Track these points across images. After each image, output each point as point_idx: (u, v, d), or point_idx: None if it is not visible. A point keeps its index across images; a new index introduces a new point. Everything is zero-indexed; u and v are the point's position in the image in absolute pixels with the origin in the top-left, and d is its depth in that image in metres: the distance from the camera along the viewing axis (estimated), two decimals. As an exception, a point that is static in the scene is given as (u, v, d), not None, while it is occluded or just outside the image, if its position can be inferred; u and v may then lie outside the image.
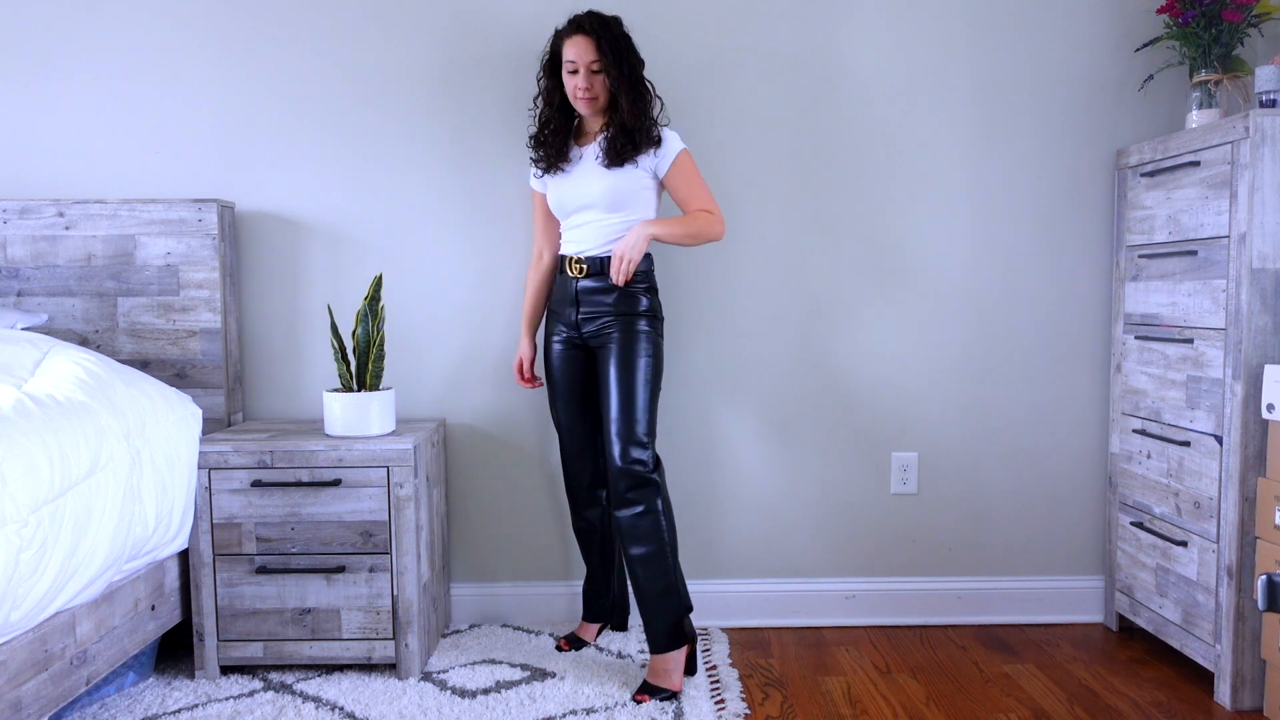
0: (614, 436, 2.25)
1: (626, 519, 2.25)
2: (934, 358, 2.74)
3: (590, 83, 2.28)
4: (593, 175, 2.33)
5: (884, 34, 2.67)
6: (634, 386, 2.27)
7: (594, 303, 2.34)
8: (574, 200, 2.36)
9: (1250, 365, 2.15)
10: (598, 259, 2.34)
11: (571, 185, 2.37)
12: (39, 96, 2.65)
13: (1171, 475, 2.41)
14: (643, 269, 2.34)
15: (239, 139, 2.67)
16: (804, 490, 2.76)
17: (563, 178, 2.38)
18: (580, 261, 2.35)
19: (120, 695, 2.27)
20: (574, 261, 2.36)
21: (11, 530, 1.64)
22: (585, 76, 2.28)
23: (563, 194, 2.38)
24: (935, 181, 2.70)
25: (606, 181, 2.31)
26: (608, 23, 2.30)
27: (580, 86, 2.28)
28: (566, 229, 2.42)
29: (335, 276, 2.71)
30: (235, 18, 2.64)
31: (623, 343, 2.30)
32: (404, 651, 2.36)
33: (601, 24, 2.28)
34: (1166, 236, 2.42)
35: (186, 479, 2.28)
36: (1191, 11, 2.42)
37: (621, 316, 2.32)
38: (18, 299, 2.55)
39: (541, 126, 2.40)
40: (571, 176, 2.37)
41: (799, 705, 2.25)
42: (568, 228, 2.41)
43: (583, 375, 2.43)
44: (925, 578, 2.78)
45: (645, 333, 2.32)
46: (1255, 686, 2.19)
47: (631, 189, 2.32)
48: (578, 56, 2.27)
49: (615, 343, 2.31)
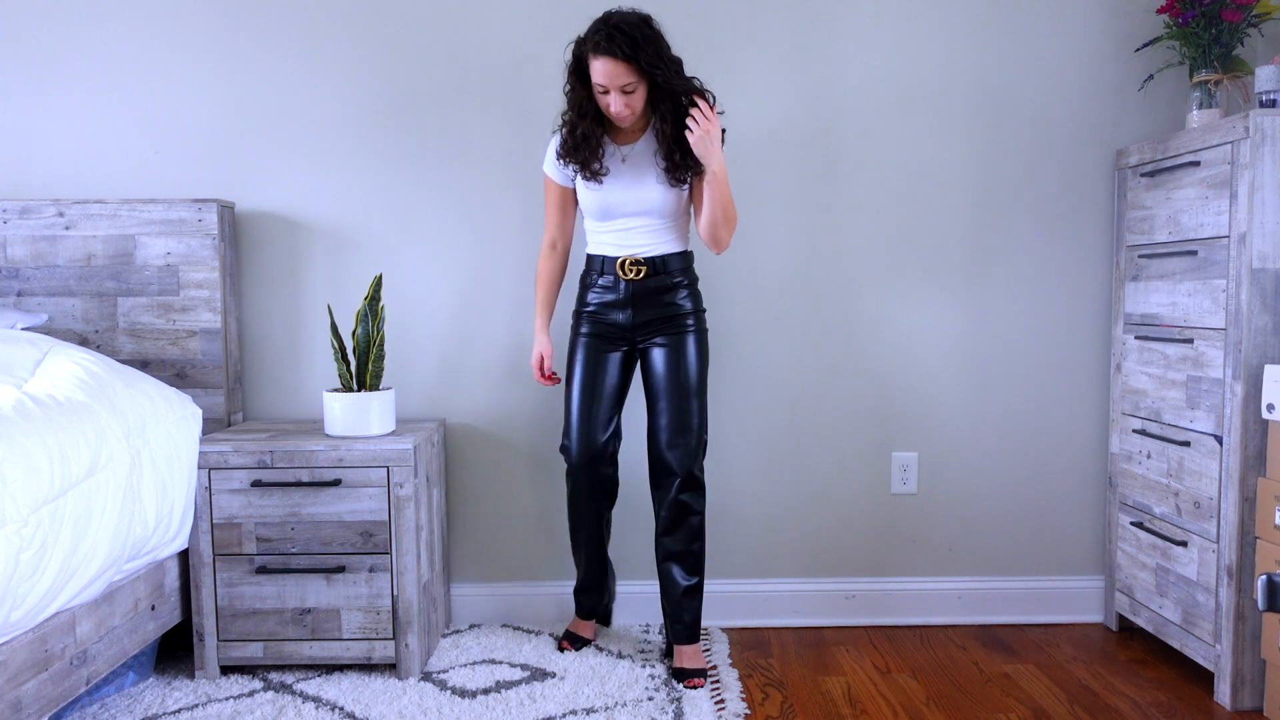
0: (678, 439, 2.32)
1: (681, 520, 2.35)
2: (934, 358, 2.74)
3: (625, 102, 2.18)
4: (651, 186, 2.29)
5: (885, 33, 2.67)
6: (696, 389, 2.34)
7: (653, 304, 2.34)
8: (628, 206, 2.30)
9: (1250, 365, 2.15)
10: (658, 259, 2.34)
11: (624, 192, 2.29)
12: (39, 97, 2.65)
13: (1171, 475, 2.41)
14: (686, 264, 2.38)
15: (239, 139, 2.67)
16: (804, 490, 2.76)
17: (609, 183, 2.29)
18: (638, 263, 2.33)
19: (120, 695, 2.27)
20: (629, 263, 2.33)
21: (11, 530, 1.64)
22: (618, 97, 2.17)
23: (611, 200, 2.31)
24: (934, 181, 2.70)
25: (668, 196, 2.30)
26: (636, 40, 2.12)
27: (613, 105, 2.18)
28: (608, 230, 2.35)
29: (335, 276, 2.71)
30: (235, 18, 2.64)
31: (683, 343, 2.35)
32: (404, 651, 2.36)
33: (631, 44, 2.11)
34: (1166, 236, 2.43)
35: (186, 479, 2.28)
36: (1191, 11, 2.42)
37: (679, 316, 2.35)
38: (18, 299, 2.55)
39: (570, 130, 2.27)
40: (622, 182, 2.29)
41: (799, 705, 2.25)
42: (611, 229, 2.35)
43: (617, 376, 2.39)
44: (925, 578, 2.78)
45: (704, 331, 2.39)
46: (1255, 686, 2.19)
47: (683, 195, 2.34)
48: (608, 81, 2.15)
49: (675, 343, 2.35)
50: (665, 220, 2.34)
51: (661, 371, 2.35)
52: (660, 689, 2.29)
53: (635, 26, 2.14)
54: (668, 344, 2.35)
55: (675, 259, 2.36)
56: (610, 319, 2.37)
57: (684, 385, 2.34)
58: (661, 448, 2.34)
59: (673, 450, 2.33)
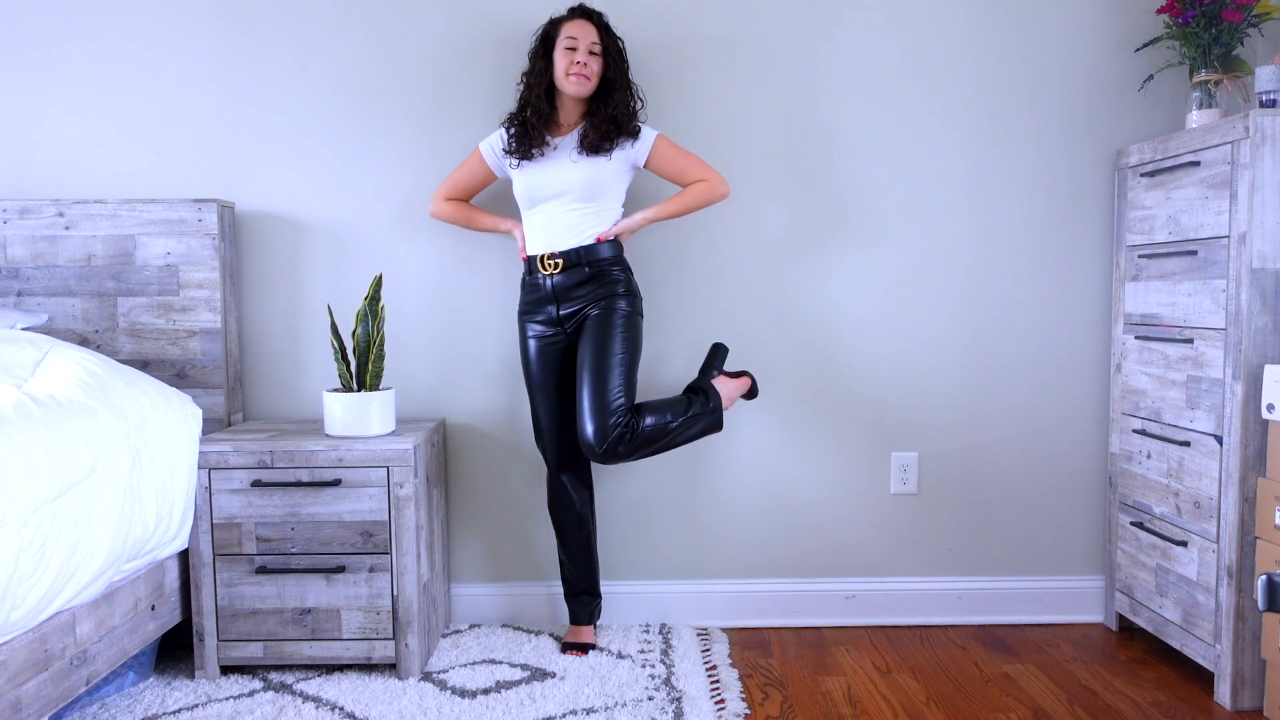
0: (588, 415, 2.29)
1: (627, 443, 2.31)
2: (934, 358, 2.74)
3: (588, 61, 2.34)
4: (568, 164, 2.39)
5: (884, 32, 2.67)
6: (609, 365, 2.34)
7: (572, 295, 2.40)
8: (548, 187, 2.39)
9: (1250, 365, 2.15)
10: (573, 251, 2.39)
11: (545, 173, 2.40)
12: (39, 96, 2.65)
13: (1171, 475, 2.41)
14: (612, 254, 2.42)
15: (239, 139, 2.67)
16: (804, 490, 2.76)
17: (535, 165, 2.41)
18: (554, 257, 2.39)
19: (120, 695, 2.28)
20: (546, 259, 2.39)
21: (11, 530, 1.64)
22: (584, 53, 2.34)
23: (534, 181, 2.40)
24: (935, 182, 2.70)
25: (583, 170, 2.37)
26: (608, 25, 2.41)
27: (578, 62, 2.34)
28: (531, 221, 2.44)
29: (335, 276, 2.71)
30: (235, 18, 2.64)
31: (600, 322, 2.37)
32: (404, 651, 2.36)
33: (600, 15, 2.40)
34: (1166, 236, 2.43)
35: (186, 479, 2.28)
36: (1191, 11, 2.42)
37: (604, 298, 2.39)
38: (18, 299, 2.55)
39: (522, 107, 2.42)
40: (545, 164, 2.41)
41: (799, 705, 2.25)
42: (533, 220, 2.43)
43: (560, 367, 2.46)
44: (925, 578, 2.78)
45: (624, 312, 2.40)
46: (1255, 686, 2.19)
47: (605, 179, 2.39)
48: (580, 34, 2.35)
49: (593, 323, 2.38)
50: (586, 206, 2.39)
51: (581, 352, 2.36)
52: (660, 689, 2.29)
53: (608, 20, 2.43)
54: (589, 325, 2.39)
55: (591, 250, 2.39)
56: (544, 314, 2.44)
57: (595, 355, 2.33)
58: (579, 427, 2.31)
59: (582, 421, 2.30)
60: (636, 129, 2.41)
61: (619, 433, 2.29)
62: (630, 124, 2.39)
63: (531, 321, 2.46)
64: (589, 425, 2.30)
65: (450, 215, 2.55)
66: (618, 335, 2.37)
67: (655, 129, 2.47)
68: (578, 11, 2.39)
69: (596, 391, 2.31)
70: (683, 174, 2.45)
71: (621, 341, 2.37)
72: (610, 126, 2.37)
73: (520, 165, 2.42)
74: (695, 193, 2.43)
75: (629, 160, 2.42)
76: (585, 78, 2.35)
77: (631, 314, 2.42)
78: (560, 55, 2.35)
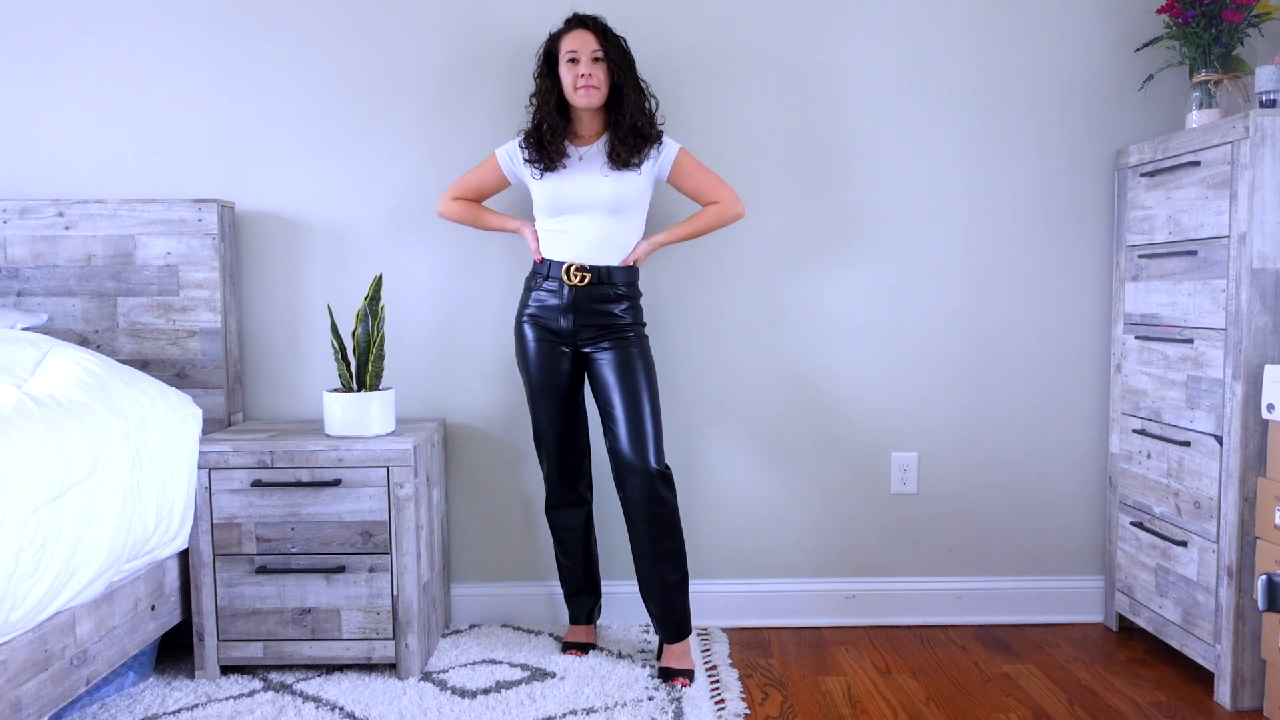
0: (646, 439, 2.32)
1: (655, 516, 2.32)
2: (934, 358, 2.74)
3: (592, 70, 2.31)
4: (599, 178, 2.35)
5: (883, 33, 2.67)
6: (651, 393, 2.36)
7: (594, 311, 2.37)
8: (576, 198, 2.36)
9: (1250, 365, 2.15)
10: (604, 269, 2.37)
11: (574, 183, 2.36)
12: (40, 96, 2.65)
13: (1171, 475, 2.41)
14: (635, 278, 2.43)
15: (239, 139, 2.67)
16: (804, 490, 2.76)
17: (562, 175, 2.37)
18: (583, 270, 2.36)
19: (120, 695, 2.28)
20: (573, 269, 2.36)
21: (11, 530, 1.64)
22: (587, 64, 2.31)
23: (562, 191, 2.37)
24: (935, 181, 2.70)
25: (613, 185, 2.35)
26: (606, 29, 2.36)
27: (582, 74, 2.30)
28: (554, 230, 2.40)
29: (335, 276, 2.71)
30: (235, 19, 2.64)
31: (631, 351, 2.37)
32: (404, 651, 2.36)
33: (601, 27, 2.35)
34: (1166, 236, 2.43)
35: (186, 479, 2.28)
36: (1191, 11, 2.42)
37: (619, 327, 2.38)
38: (18, 299, 2.55)
39: (537, 126, 2.38)
40: (573, 176, 2.37)
41: (799, 705, 2.25)
42: (556, 229, 2.40)
43: (568, 375, 2.43)
44: (925, 578, 2.78)
45: (646, 339, 2.43)
46: (1255, 686, 2.19)
47: (634, 194, 2.38)
48: (580, 46, 2.32)
49: (621, 350, 2.37)
50: (615, 219, 2.37)
51: (611, 377, 2.36)
52: (660, 689, 2.29)
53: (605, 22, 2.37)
54: (613, 349, 2.37)
55: (620, 272, 2.39)
56: (552, 323, 2.40)
57: (634, 385, 2.35)
58: (622, 448, 2.33)
59: (634, 448, 2.32)
60: (659, 134, 2.39)
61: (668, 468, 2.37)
62: (652, 129, 2.37)
63: (537, 327, 2.42)
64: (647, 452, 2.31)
65: (458, 215, 2.52)
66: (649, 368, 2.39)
67: (677, 141, 2.45)
68: (574, 22, 2.36)
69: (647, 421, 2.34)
70: (700, 191, 2.43)
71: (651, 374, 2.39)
72: (636, 138, 2.34)
73: (544, 176, 2.39)
74: (709, 215, 2.43)
75: (654, 173, 2.41)
76: (594, 88, 2.31)
77: (647, 340, 2.44)
78: (565, 70, 2.33)
